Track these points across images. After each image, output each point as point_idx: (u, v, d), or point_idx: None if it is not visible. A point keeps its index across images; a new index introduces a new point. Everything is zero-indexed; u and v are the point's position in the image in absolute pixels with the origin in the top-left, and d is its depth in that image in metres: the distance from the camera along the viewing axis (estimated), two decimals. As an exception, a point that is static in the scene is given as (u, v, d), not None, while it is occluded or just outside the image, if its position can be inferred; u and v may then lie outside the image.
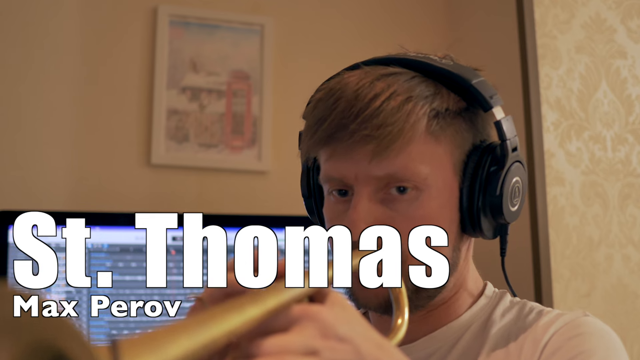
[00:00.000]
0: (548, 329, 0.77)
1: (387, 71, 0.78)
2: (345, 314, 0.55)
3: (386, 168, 0.74)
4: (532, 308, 0.82)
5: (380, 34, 2.22)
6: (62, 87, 1.98)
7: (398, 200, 0.75)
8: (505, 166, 0.77)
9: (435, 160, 0.76)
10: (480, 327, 0.81)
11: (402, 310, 0.70)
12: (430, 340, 0.81)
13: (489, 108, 0.78)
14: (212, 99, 2.07)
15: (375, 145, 0.73)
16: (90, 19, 2.03)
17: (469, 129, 0.79)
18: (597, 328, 0.76)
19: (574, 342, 0.74)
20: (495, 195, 0.77)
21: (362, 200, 0.75)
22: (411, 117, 0.74)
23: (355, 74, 0.78)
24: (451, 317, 0.82)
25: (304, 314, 0.52)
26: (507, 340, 0.79)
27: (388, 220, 0.75)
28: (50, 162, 1.95)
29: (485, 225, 0.78)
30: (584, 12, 1.90)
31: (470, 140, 0.79)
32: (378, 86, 0.75)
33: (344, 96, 0.75)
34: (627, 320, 1.80)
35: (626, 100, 1.90)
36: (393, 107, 0.73)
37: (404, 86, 0.75)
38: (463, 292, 0.83)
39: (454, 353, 0.80)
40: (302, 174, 0.89)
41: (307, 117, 0.80)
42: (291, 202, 1.64)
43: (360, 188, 0.75)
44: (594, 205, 1.83)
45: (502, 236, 0.82)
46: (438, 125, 0.76)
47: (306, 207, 0.89)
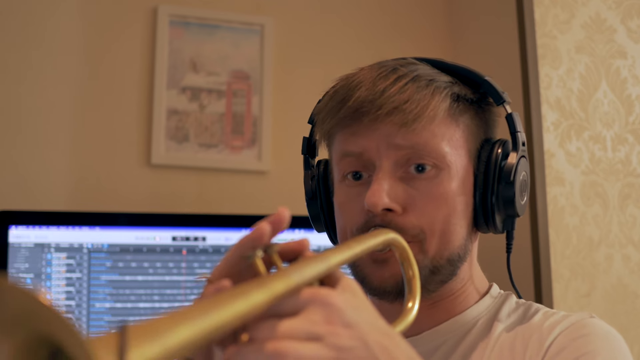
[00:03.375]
0: (553, 329, 0.77)
1: (406, 61, 0.80)
2: (355, 300, 0.54)
3: (410, 140, 0.75)
4: (538, 309, 0.82)
5: (380, 36, 2.22)
6: (62, 87, 1.98)
7: (417, 179, 0.76)
8: (517, 157, 0.79)
9: (454, 142, 0.77)
10: (486, 325, 0.82)
11: (414, 294, 0.70)
12: (435, 333, 0.81)
13: (502, 102, 0.81)
14: (212, 99, 2.07)
15: (402, 116, 0.74)
16: (90, 19, 2.03)
17: (481, 120, 0.82)
18: (602, 330, 0.76)
19: (578, 342, 0.74)
20: (509, 186, 0.78)
21: (384, 174, 0.75)
22: (435, 96, 0.76)
23: (372, 66, 0.80)
24: (457, 311, 0.82)
25: (312, 298, 0.51)
26: (512, 339, 0.79)
27: (408, 198, 0.75)
28: (50, 162, 1.95)
29: (497, 216, 0.79)
30: (584, 12, 1.90)
31: (482, 131, 0.82)
32: (401, 70, 0.78)
33: (367, 79, 0.77)
34: (627, 320, 1.80)
35: (626, 100, 1.90)
36: (418, 86, 0.76)
37: (425, 72, 0.78)
38: (470, 285, 0.84)
39: (461, 349, 0.80)
40: (307, 177, 0.89)
41: (321, 109, 0.80)
42: (291, 202, 1.64)
43: (381, 162, 0.76)
44: (594, 205, 1.83)
45: (509, 231, 0.82)
46: (458, 108, 0.78)
47: (310, 212, 0.88)
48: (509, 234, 0.83)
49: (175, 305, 1.79)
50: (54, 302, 0.34)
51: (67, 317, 0.32)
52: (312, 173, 0.88)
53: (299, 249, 0.57)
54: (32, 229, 1.74)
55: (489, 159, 0.79)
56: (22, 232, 1.73)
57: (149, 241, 1.79)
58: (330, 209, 0.86)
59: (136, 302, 1.76)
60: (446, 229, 0.76)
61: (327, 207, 0.86)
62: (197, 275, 1.81)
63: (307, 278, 0.52)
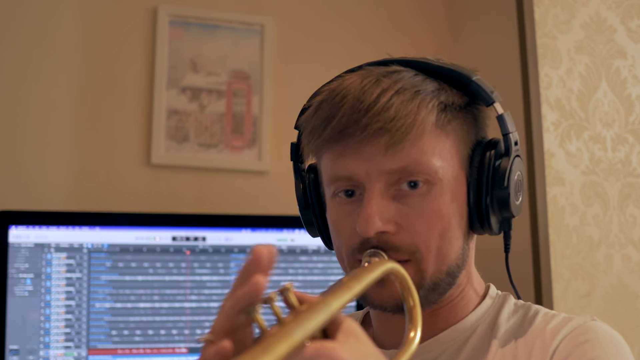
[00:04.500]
0: (557, 334, 0.76)
1: (390, 69, 0.78)
2: (360, 347, 0.54)
3: (400, 161, 0.73)
4: (537, 311, 0.82)
5: (380, 35, 2.22)
6: (62, 87, 1.98)
7: (410, 195, 0.74)
8: (510, 159, 0.78)
9: (445, 154, 0.76)
10: (486, 330, 0.81)
11: (415, 324, 0.69)
12: (435, 343, 0.80)
13: (491, 102, 0.79)
14: (212, 99, 2.07)
15: (389, 137, 0.72)
16: (90, 19, 2.03)
17: (471, 124, 0.80)
18: (605, 334, 0.76)
19: (582, 348, 0.74)
20: (503, 188, 0.77)
21: (375, 196, 0.73)
22: (422, 110, 0.74)
23: (357, 74, 0.78)
24: (456, 318, 0.82)
25: (317, 354, 0.50)
26: (514, 344, 0.78)
27: (401, 217, 0.74)
28: (50, 162, 1.95)
29: (492, 218, 0.78)
30: (584, 12, 1.90)
31: (473, 135, 0.80)
32: (384, 82, 0.75)
33: (350, 93, 0.75)
34: (627, 320, 1.80)
35: (626, 100, 1.90)
36: (403, 100, 0.74)
37: (410, 82, 0.76)
38: (469, 289, 0.83)
39: (461, 357, 0.79)
40: (297, 184, 0.88)
41: (307, 121, 0.79)
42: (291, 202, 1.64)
43: (371, 184, 0.74)
44: (594, 205, 1.83)
45: (507, 231, 0.81)
46: (446, 118, 0.76)
47: (303, 219, 0.88)
48: (506, 234, 0.82)
49: (175, 306, 1.79)
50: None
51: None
52: (303, 179, 0.87)
53: (296, 303, 0.56)
54: (32, 229, 1.74)
55: (481, 163, 0.78)
56: (22, 232, 1.73)
57: (149, 241, 1.79)
58: (323, 215, 0.85)
59: (136, 302, 1.76)
60: (442, 245, 0.75)
61: (319, 213, 0.85)
62: (197, 275, 1.81)
63: (309, 332, 0.51)
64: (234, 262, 1.83)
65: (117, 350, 1.74)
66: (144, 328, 1.76)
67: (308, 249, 1.86)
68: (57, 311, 1.72)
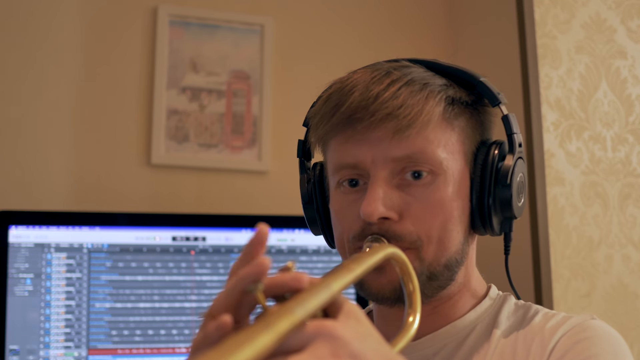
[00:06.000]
0: (555, 332, 0.77)
1: (400, 64, 0.80)
2: (359, 327, 0.54)
3: (405, 148, 0.74)
4: (537, 310, 0.82)
5: (380, 36, 2.22)
6: (62, 87, 1.98)
7: (413, 185, 0.75)
8: (514, 160, 0.79)
9: (450, 147, 0.77)
10: (486, 328, 0.81)
11: (414, 308, 0.70)
12: (434, 338, 0.81)
13: (497, 103, 0.80)
14: (212, 99, 2.07)
15: (396, 123, 0.74)
16: (90, 19, 2.03)
17: (477, 122, 0.81)
18: (604, 332, 0.76)
19: (581, 346, 0.74)
20: (506, 188, 0.78)
21: (380, 183, 0.74)
22: (430, 101, 0.75)
23: (367, 68, 0.80)
24: (456, 316, 0.82)
25: (317, 332, 0.51)
26: (514, 342, 0.78)
27: (404, 205, 0.75)
28: (50, 162, 1.95)
29: (494, 218, 0.79)
30: (584, 12, 1.90)
31: (478, 134, 0.81)
32: (394, 74, 0.77)
33: (360, 83, 0.76)
34: (627, 320, 1.80)
35: (626, 100, 1.90)
36: (412, 91, 0.75)
37: (419, 75, 0.78)
38: (466, 291, 0.83)
39: (460, 353, 0.80)
40: (302, 180, 0.88)
41: (316, 112, 0.80)
42: (291, 202, 1.65)
43: (376, 172, 0.75)
44: (594, 205, 1.83)
45: (507, 233, 0.82)
46: (453, 112, 0.78)
47: (306, 215, 0.88)
48: (507, 236, 0.82)
49: (175, 306, 1.79)
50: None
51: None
52: (308, 176, 0.88)
53: (295, 286, 0.56)
54: (32, 229, 1.74)
55: (485, 161, 0.79)
56: (22, 232, 1.73)
57: (149, 241, 1.79)
58: (326, 213, 0.85)
59: (136, 302, 1.76)
60: (443, 236, 0.76)
61: (323, 210, 0.86)
62: (197, 275, 1.81)
63: (310, 311, 0.52)
64: (234, 262, 1.83)
65: (117, 350, 1.74)
66: (144, 328, 1.76)
67: (308, 249, 1.86)
68: (57, 311, 1.72)
